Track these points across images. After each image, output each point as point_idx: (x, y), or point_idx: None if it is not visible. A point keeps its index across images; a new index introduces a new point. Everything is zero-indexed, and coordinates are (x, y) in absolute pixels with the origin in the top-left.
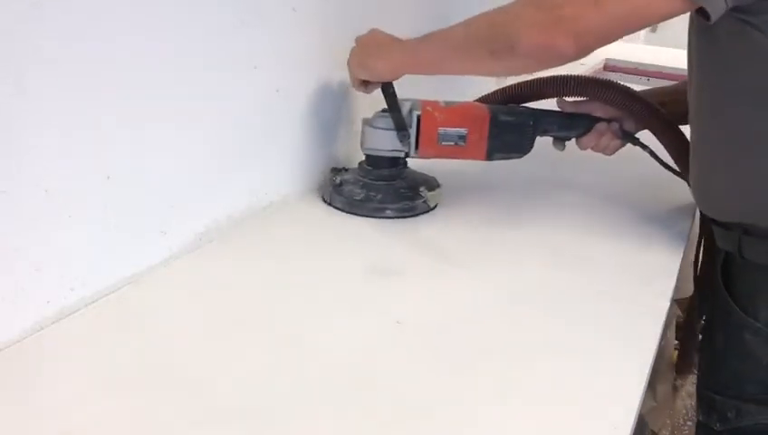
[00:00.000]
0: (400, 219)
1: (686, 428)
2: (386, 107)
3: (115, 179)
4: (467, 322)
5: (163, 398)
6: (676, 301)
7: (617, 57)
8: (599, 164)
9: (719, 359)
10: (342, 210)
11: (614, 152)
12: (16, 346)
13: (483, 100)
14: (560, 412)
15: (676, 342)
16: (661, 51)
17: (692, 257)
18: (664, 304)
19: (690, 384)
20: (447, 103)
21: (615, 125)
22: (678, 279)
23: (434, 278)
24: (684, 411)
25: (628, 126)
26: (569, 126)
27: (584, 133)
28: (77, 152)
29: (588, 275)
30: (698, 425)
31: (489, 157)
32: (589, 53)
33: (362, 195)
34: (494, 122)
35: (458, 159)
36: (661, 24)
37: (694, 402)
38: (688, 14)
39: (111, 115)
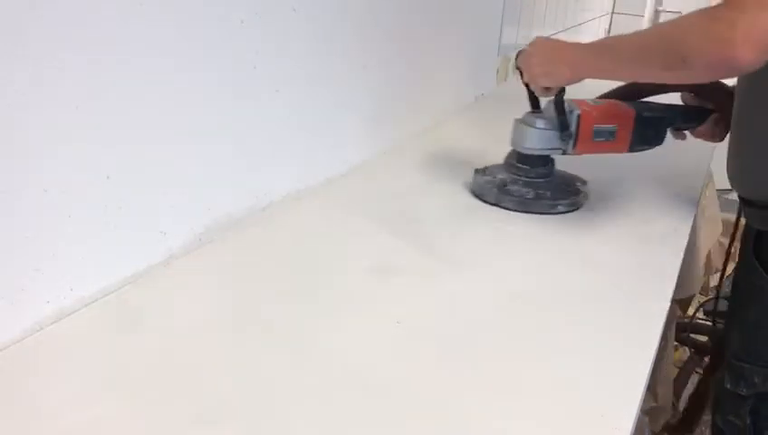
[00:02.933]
0: (567, 214)
1: None
2: (532, 109)
3: (115, 179)
4: (467, 322)
5: (163, 398)
6: (676, 301)
7: None
8: (596, 164)
9: (751, 331)
10: (515, 210)
11: (722, 140)
12: (16, 346)
13: (603, 96)
14: (560, 412)
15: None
16: None
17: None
18: (664, 304)
19: (691, 384)
20: (593, 102)
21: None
22: (678, 279)
23: (434, 278)
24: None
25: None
26: (691, 117)
27: (701, 123)
28: (77, 152)
29: (588, 275)
30: (725, 393)
31: (631, 149)
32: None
33: (531, 193)
34: (638, 118)
35: (605, 152)
36: None
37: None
38: None
39: (111, 115)
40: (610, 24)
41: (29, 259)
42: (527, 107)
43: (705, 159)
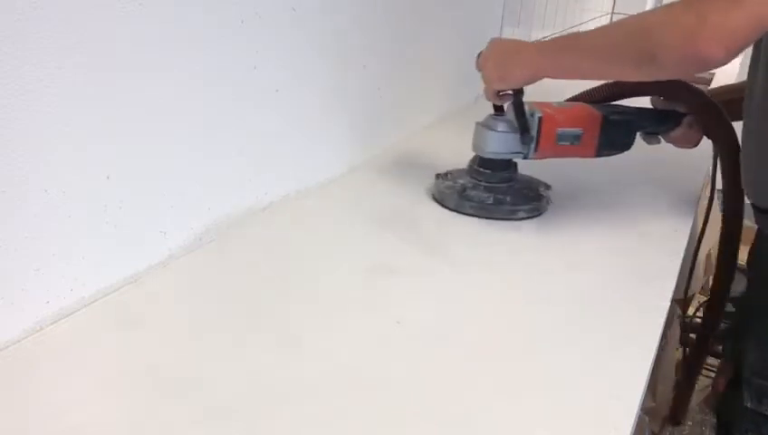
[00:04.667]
0: (527, 220)
1: (686, 428)
2: (494, 111)
3: (115, 179)
4: (467, 322)
5: (163, 398)
6: (676, 301)
7: None
8: (594, 163)
9: None
10: (475, 215)
11: (697, 145)
12: (16, 346)
13: (574, 98)
14: (560, 412)
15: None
16: None
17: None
18: (664, 304)
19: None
20: (558, 105)
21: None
22: (678, 279)
23: (434, 278)
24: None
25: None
26: (662, 121)
27: (674, 127)
28: (77, 152)
29: (588, 275)
30: (746, 411)
31: (598, 154)
32: (736, 56)
33: (491, 198)
34: (605, 122)
35: (570, 157)
36: None
37: (694, 403)
38: None
39: (111, 115)
40: None
41: (29, 259)
42: None
43: (705, 159)
